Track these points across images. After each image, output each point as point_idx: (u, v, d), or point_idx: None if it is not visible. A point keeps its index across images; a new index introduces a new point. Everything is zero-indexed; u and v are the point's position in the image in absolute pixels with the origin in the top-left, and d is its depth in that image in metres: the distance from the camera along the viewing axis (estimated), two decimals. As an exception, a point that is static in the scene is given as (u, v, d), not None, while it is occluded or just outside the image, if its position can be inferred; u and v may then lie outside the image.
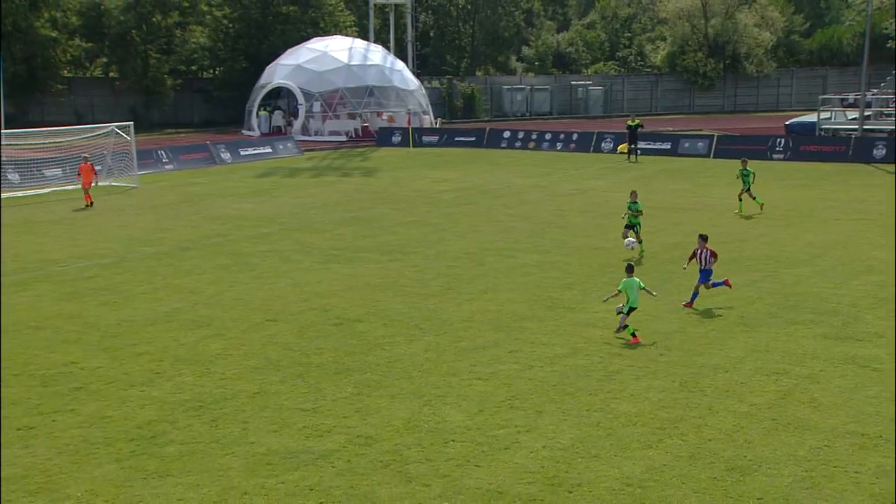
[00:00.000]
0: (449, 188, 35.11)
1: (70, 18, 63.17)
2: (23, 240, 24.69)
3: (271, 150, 47.90)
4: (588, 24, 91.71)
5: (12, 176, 34.72)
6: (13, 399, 12.90)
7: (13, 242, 24.27)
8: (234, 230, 26.12)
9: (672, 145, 47.04)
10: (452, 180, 37.39)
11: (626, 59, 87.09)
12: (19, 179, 34.62)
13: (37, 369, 14.13)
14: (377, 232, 25.89)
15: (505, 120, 70.16)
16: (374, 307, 17.74)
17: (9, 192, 33.19)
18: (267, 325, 16.57)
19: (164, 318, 16.99)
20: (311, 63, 57.17)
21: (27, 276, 20.35)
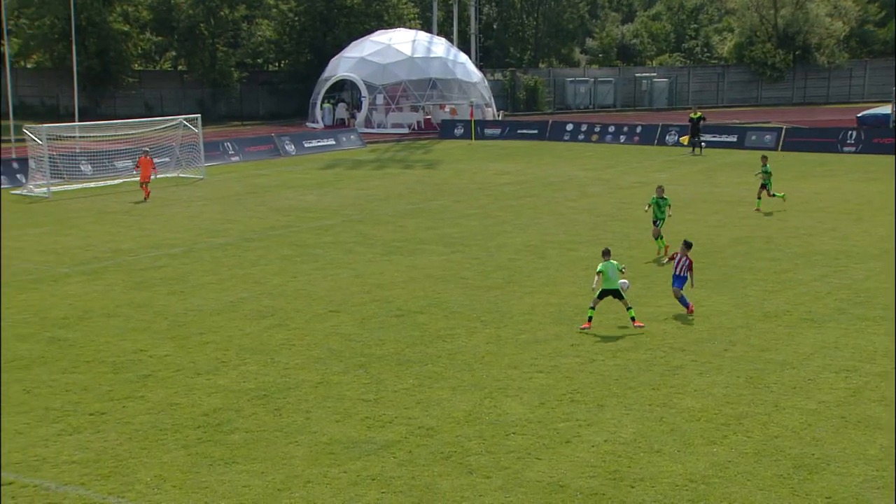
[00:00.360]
0: (510, 180, 35.02)
1: (141, 13, 64.49)
2: (95, 230, 25.31)
3: (335, 143, 48.29)
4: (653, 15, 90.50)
5: (85, 167, 35.60)
6: (85, 385, 13.25)
7: (86, 233, 24.89)
8: (297, 221, 26.42)
9: (738, 138, 46.21)
10: (514, 173, 37.27)
11: (691, 50, 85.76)
12: (92, 170, 35.48)
13: (108, 356, 14.48)
14: (439, 224, 25.94)
15: (568, 112, 69.66)
16: (436, 299, 17.79)
17: (82, 183, 34.04)
18: (329, 315, 16.74)
19: (229, 307, 17.27)
20: (374, 56, 57.46)
21: (99, 265, 20.86)
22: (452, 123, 54.43)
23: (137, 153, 35.96)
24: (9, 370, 13.84)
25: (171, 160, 37.37)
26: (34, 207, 29.25)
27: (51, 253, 22.14)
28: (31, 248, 22.62)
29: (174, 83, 67.23)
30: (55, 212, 28.29)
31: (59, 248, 22.75)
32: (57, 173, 33.47)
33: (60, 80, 61.57)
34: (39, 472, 10.50)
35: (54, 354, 14.54)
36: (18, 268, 20.48)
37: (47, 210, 28.69)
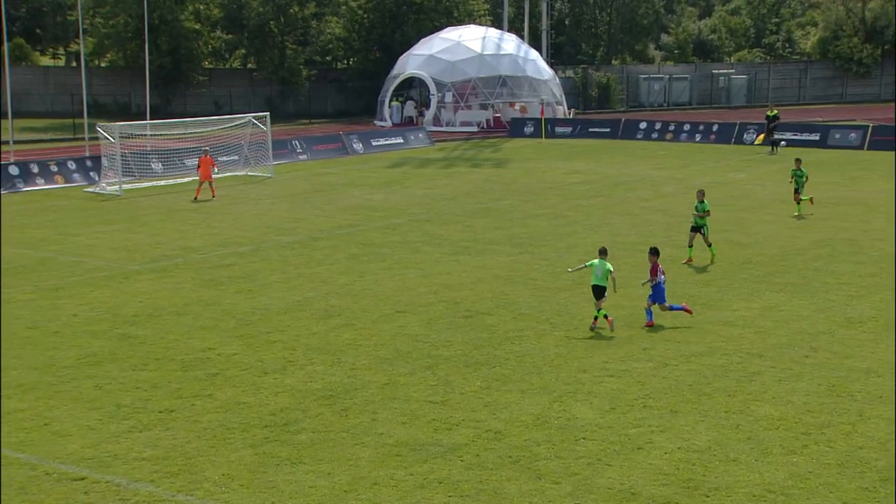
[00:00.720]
0: (581, 180, 34.79)
1: (212, 11, 65.73)
2: (166, 227, 25.88)
3: (403, 141, 48.55)
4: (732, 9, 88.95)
5: (155, 165, 36.41)
6: (154, 382, 13.56)
7: (156, 230, 25.47)
8: (365, 220, 26.64)
9: (821, 136, 45.15)
10: (585, 172, 37.02)
11: (772, 45, 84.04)
12: (162, 168, 36.27)
13: (177, 354, 14.79)
14: (507, 224, 25.89)
15: (641, 110, 68.90)
16: (504, 300, 17.76)
17: (152, 181, 34.84)
18: (396, 316, 16.84)
19: (296, 306, 17.49)
20: (443, 53, 57.60)
21: (169, 263, 21.32)
22: (522, 122, 54.26)
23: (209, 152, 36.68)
24: (81, 366, 14.24)
25: (240, 158, 38.00)
26: (106, 205, 30.04)
27: (122, 250, 22.71)
28: (103, 246, 23.23)
29: (243, 81, 68.38)
30: (126, 209, 29.01)
31: (130, 245, 23.33)
32: (128, 171, 34.31)
33: (133, 78, 63.09)
34: (111, 469, 10.77)
35: (125, 351, 14.90)
36: (91, 265, 21.06)
37: (119, 208, 29.44)
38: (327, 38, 68.46)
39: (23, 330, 16.03)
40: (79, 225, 26.17)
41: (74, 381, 13.58)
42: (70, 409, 12.53)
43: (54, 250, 22.60)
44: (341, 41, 68.33)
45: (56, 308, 17.39)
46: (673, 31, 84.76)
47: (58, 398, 12.92)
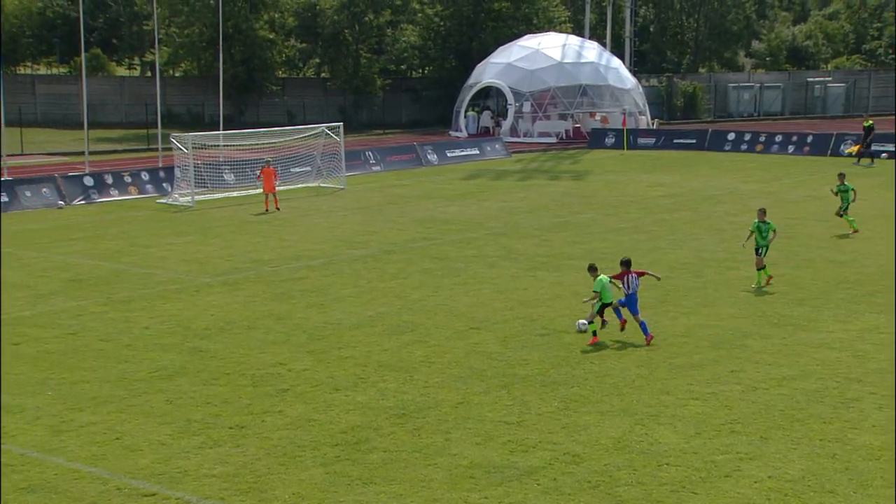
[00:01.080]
0: (665, 193, 34.38)
1: (286, 19, 66.91)
2: (237, 239, 26.37)
3: (478, 152, 48.66)
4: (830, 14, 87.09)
5: (228, 176, 37.15)
6: (225, 398, 13.79)
7: (228, 242, 25.97)
8: (439, 234, 26.74)
9: (924, 148, 43.81)
10: (669, 185, 36.58)
11: (873, 52, 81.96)
12: (234, 180, 36.98)
13: (248, 369, 15.03)
14: (587, 238, 25.72)
15: (730, 120, 67.84)
16: (583, 318, 17.62)
17: (224, 193, 35.52)
18: (471, 332, 16.84)
19: (368, 322, 17.63)
20: (522, 61, 57.61)
21: (241, 276, 21.71)
22: (603, 132, 53.93)
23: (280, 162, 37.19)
24: (152, 380, 14.57)
25: (312, 169, 38.52)
26: (178, 216, 30.75)
27: (194, 262, 23.20)
28: (175, 258, 23.77)
29: (317, 90, 69.39)
30: (198, 221, 29.65)
31: (201, 257, 23.82)
32: (201, 182, 35.03)
33: (206, 88, 64.52)
34: (181, 485, 10.98)
35: (196, 365, 15.20)
36: (163, 277, 21.56)
37: (191, 219, 30.10)
38: (402, 47, 69.07)
39: (95, 342, 16.48)
40: (151, 236, 26.83)
41: (146, 395, 13.90)
42: (141, 423, 12.82)
43: (127, 262, 23.21)
44: (416, 49, 68.84)
45: (128, 321, 17.84)
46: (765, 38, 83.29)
47: (129, 412, 13.24)
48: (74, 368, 15.07)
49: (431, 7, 67.48)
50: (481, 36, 65.45)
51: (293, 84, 70.73)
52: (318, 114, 63.96)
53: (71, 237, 26.70)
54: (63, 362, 15.37)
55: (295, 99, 67.36)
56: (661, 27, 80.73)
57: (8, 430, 12.61)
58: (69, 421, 12.88)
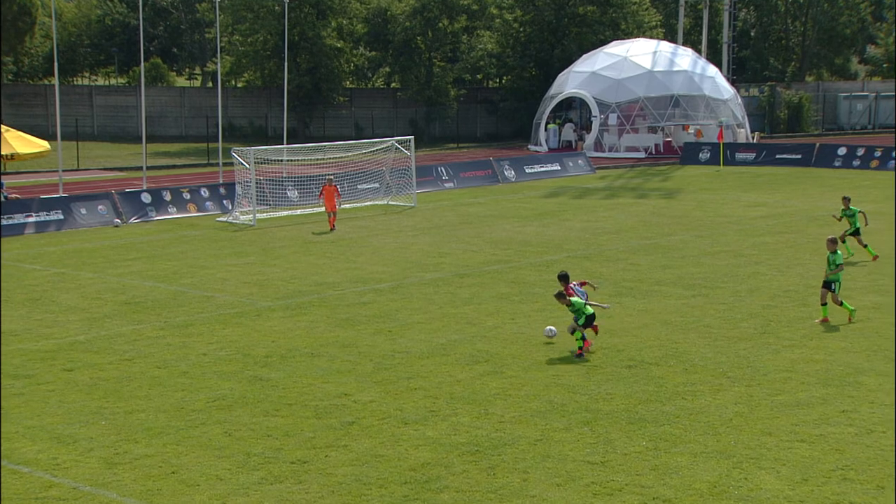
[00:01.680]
0: (766, 213, 33.86)
1: (355, 26, 67.69)
2: (300, 261, 26.72)
3: (560, 168, 48.59)
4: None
5: (291, 193, 37.69)
6: (286, 430, 13.95)
7: (291, 263, 26.33)
8: (516, 256, 26.73)
9: None
10: (771, 204, 36.02)
11: None
12: (298, 197, 37.50)
13: (311, 399, 15.19)
14: (678, 262, 25.45)
15: (840, 134, 66.65)
16: (674, 349, 17.44)
17: (287, 211, 36.05)
18: (551, 363, 16.78)
19: (440, 350, 17.69)
20: (608, 70, 57.48)
21: (303, 299, 21.98)
22: (697, 147, 53.41)
23: (346, 178, 37.64)
24: (210, 410, 14.82)
25: (381, 186, 38.88)
26: (239, 236, 31.29)
27: (254, 285, 23.57)
28: (235, 280, 24.19)
29: (386, 102, 70.10)
30: (260, 240, 30.14)
31: (262, 279, 24.19)
32: (263, 199, 35.62)
33: (270, 99, 65.72)
34: (238, 521, 11.12)
35: (256, 395, 15.42)
36: (222, 300, 21.95)
37: (252, 238, 30.61)
38: (478, 55, 69.39)
39: (152, 369, 16.83)
40: (210, 257, 27.35)
41: (203, 426, 14.13)
42: (198, 456, 13.04)
43: (185, 284, 23.69)
44: (494, 57, 69.11)
45: (185, 346, 18.19)
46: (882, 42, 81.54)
47: (186, 444, 13.47)
48: (129, 397, 15.40)
49: (510, 12, 67.69)
50: (564, 42, 65.42)
51: (361, 95, 71.60)
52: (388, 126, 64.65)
53: (127, 257, 27.36)
54: (118, 390, 15.72)
55: (363, 111, 68.15)
56: (764, 31, 79.68)
57: (61, 462, 12.94)
58: (123, 453, 13.16)
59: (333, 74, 64.40)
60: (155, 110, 65.31)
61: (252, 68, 67.08)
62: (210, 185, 37.91)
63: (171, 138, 64.93)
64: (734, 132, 56.89)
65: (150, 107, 59.60)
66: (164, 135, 65.15)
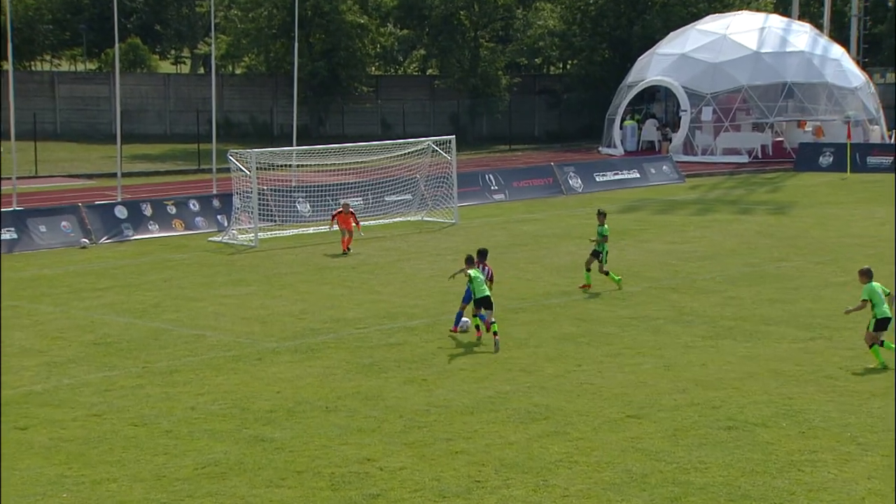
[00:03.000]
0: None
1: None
2: (313, 291, 26.81)
3: (639, 176, 48.49)
4: None
5: (303, 207, 37.85)
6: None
7: (301, 295, 26.43)
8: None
9: None
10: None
11: None
12: (311, 211, 37.64)
13: (325, 466, 15.22)
14: (792, 295, 25.25)
15: None
16: (786, 407, 17.30)
17: (298, 228, 36.16)
18: (627, 422, 16.69)
19: (486, 404, 17.65)
20: (702, 51, 57.39)
21: (317, 340, 22.05)
22: (816, 148, 53.13)
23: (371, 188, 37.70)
24: (199, 479, 14.88)
25: (414, 198, 38.98)
26: (237, 260, 31.47)
27: (256, 321, 23.68)
28: (231, 315, 24.31)
29: (421, 93, 70.38)
30: (263, 266, 30.29)
31: (266, 314, 24.30)
32: (267, 214, 35.78)
33: (276, 89, 66.23)
34: None
35: (257, 460, 15.47)
36: (215, 340, 22.07)
37: (253, 263, 30.77)
38: (537, 33, 69.56)
39: (126, 427, 16.93)
40: (201, 286, 27.52)
41: (190, 499, 14.18)
42: (183, 534, 13.07)
43: (169, 320, 23.84)
44: (556, 37, 69.23)
45: (169, 398, 18.29)
46: None
47: (168, 519, 13.52)
48: (98, 462, 15.49)
49: (578, -21, 67.77)
50: (646, 17, 65.41)
51: (390, 84, 72.03)
52: (423, 123, 64.92)
53: (97, 286, 27.61)
54: (84, 454, 15.81)
55: (392, 104, 68.47)
56: (903, 1, 79.12)
57: (12, 539, 13.03)
58: (90, 529, 13.22)
59: (355, 58, 64.69)
60: (133, 103, 66.06)
61: (254, 51, 67.60)
62: (201, 196, 38.18)
63: (154, 137, 65.58)
64: (865, 130, 56.50)
65: (126, 98, 60.27)
66: (145, 133, 65.86)
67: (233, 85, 69.28)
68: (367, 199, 38.21)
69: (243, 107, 67.97)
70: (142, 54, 77.90)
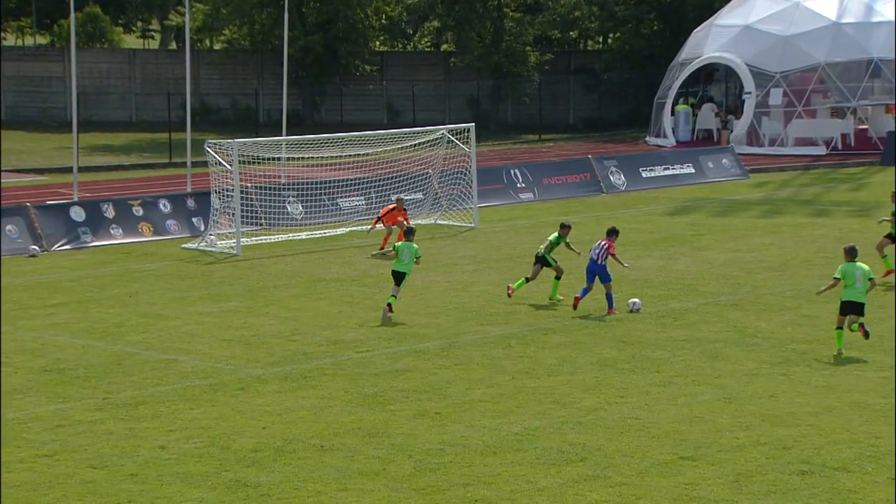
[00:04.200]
0: None
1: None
2: (306, 307, 26.80)
3: (694, 171, 48.35)
4: None
5: (293, 207, 37.79)
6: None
7: (292, 312, 26.43)
8: (625, 302, 26.61)
9: None
10: None
11: None
12: (303, 212, 37.60)
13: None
14: (878, 314, 25.16)
15: None
16: (872, 448, 17.26)
17: (288, 233, 36.11)
18: (679, 465, 16.66)
19: (511, 443, 17.63)
20: (770, 22, 57.25)
21: (310, 365, 22.03)
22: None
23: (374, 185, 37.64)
24: (169, 528, 14.90)
25: (426, 198, 38.95)
26: (216, 271, 31.47)
27: (238, 344, 23.68)
28: (209, 336, 24.32)
29: (434, 73, 70.29)
30: (246, 278, 30.29)
31: (250, 335, 24.30)
32: (252, 216, 35.72)
33: (262, 69, 66.28)
34: None
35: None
36: (189, 366, 22.08)
37: (235, 274, 30.77)
38: (572, 1, 69.48)
39: (83, 470, 16.92)
40: (172, 302, 27.54)
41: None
42: None
43: (134, 342, 23.85)
44: (595, 5, 69.20)
45: (134, 436, 18.29)
46: None
47: (132, 578, 13.54)
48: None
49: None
50: (702, -19, 65.32)
51: (397, 62, 72.00)
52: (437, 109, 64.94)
53: (48, 302, 27.62)
54: (33, 501, 15.82)
55: (400, 85, 68.38)
56: None
57: None
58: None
59: (356, 31, 64.65)
60: (92, 84, 66.18)
61: (236, 22, 67.61)
62: (173, 195, 38.18)
63: (117, 125, 65.63)
64: (969, 116, 56.30)
65: (84, 78, 60.34)
66: (106, 120, 65.92)
67: (211, 63, 69.27)
68: (369, 199, 38.16)
69: (223, 89, 68.02)
70: (102, 26, 77.65)
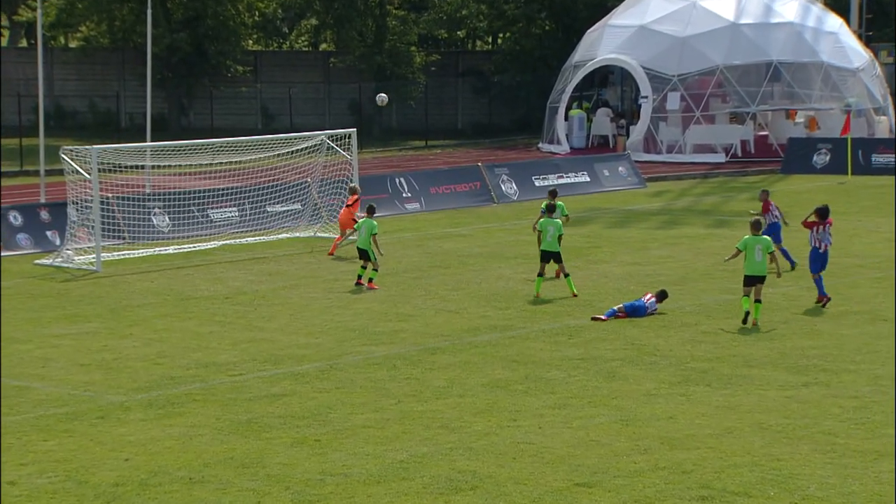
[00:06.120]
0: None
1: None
2: (174, 329, 26.62)
3: (588, 179, 48.75)
4: None
5: (160, 219, 37.53)
6: None
7: (158, 333, 26.22)
8: (518, 319, 26.74)
9: None
10: (929, 237, 36.24)
11: None
12: (169, 224, 37.35)
13: (187, 551, 15.15)
14: (780, 330, 25.55)
15: None
16: (774, 471, 17.48)
17: (153, 248, 35.77)
18: (575, 492, 16.77)
19: (397, 471, 17.63)
20: (665, 22, 57.87)
21: (178, 391, 21.89)
22: (809, 144, 53.85)
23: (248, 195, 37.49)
24: (24, 567, 14.71)
25: (304, 209, 38.88)
26: (73, 289, 31.13)
27: (98, 368, 23.44)
28: (65, 360, 24.04)
29: (313, 74, 70.22)
30: (108, 296, 30.01)
31: (111, 359, 24.07)
32: (114, 229, 35.41)
33: (123, 68, 65.69)
34: None
35: (99, 544, 15.34)
36: (43, 394, 21.79)
37: (95, 293, 30.47)
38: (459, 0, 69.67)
39: (-71, 502, 16.68)
40: (25, 322, 27.20)
41: None
42: None
43: (-15, 365, 23.53)
44: (483, 4, 69.47)
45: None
46: None
47: None
48: None
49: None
50: (595, -21, 65.91)
51: (273, 62, 71.78)
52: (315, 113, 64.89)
53: None
54: None
55: (275, 87, 68.26)
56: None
57: None
58: None
59: (227, 28, 64.42)
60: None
61: (94, 17, 66.89)
62: (24, 206, 37.78)
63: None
64: (869, 121, 57.37)
65: (-71, 80, 59.39)
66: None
67: (66, 62, 68.65)
68: (243, 211, 38.05)
69: (80, 90, 67.36)
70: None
